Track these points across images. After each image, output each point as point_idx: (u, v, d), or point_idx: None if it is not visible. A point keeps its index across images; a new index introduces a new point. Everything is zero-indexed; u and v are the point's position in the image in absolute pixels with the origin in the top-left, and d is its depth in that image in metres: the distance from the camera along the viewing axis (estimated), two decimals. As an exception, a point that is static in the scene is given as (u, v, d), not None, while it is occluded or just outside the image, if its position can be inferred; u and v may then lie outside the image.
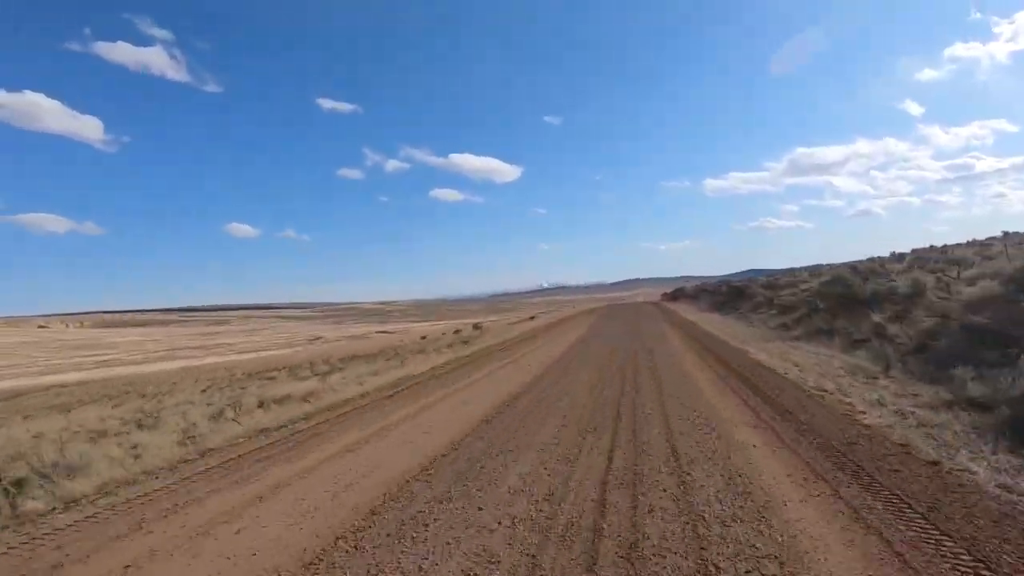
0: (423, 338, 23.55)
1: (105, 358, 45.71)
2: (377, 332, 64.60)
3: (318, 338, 57.28)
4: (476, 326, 25.58)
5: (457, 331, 23.15)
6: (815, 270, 27.43)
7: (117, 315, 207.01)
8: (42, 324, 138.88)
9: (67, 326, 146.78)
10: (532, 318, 35.49)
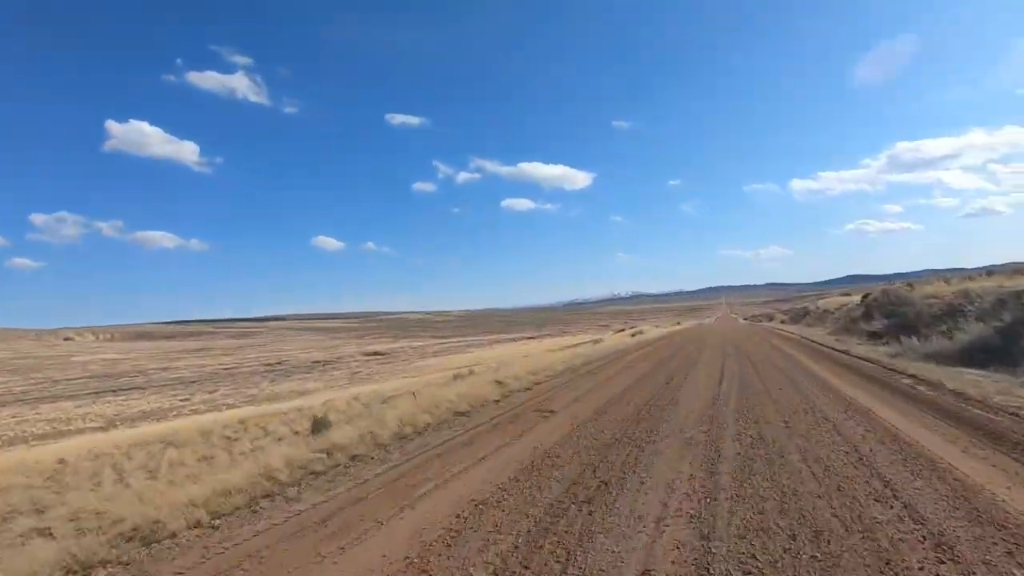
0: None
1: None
2: (365, 355, 50.26)
3: (282, 362, 43.42)
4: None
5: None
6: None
7: (160, 326, 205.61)
8: (68, 336, 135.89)
9: (96, 338, 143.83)
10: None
